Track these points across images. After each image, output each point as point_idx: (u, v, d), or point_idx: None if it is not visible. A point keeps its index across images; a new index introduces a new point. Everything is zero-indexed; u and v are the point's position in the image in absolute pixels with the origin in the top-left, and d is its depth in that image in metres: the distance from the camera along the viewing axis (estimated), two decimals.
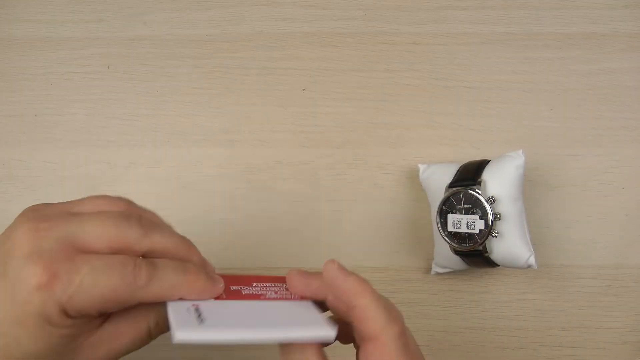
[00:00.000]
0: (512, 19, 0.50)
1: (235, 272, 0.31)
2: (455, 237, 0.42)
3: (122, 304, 0.25)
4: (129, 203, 0.28)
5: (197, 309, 0.25)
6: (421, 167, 0.47)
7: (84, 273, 0.23)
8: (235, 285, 0.29)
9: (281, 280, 0.30)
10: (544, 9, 0.50)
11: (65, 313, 0.23)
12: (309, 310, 0.28)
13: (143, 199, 0.30)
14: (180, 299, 0.26)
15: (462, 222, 0.42)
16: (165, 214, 0.30)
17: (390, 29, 0.51)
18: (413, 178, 0.48)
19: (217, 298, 0.27)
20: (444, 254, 0.45)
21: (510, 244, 0.41)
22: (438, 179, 0.45)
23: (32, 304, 0.23)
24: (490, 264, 0.43)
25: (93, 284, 0.23)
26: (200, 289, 0.26)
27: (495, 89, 0.49)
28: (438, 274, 0.46)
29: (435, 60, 0.50)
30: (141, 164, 0.49)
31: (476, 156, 0.46)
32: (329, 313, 0.29)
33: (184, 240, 0.28)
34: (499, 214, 0.41)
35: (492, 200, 0.41)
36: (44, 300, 0.23)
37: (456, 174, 0.44)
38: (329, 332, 0.25)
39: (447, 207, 0.43)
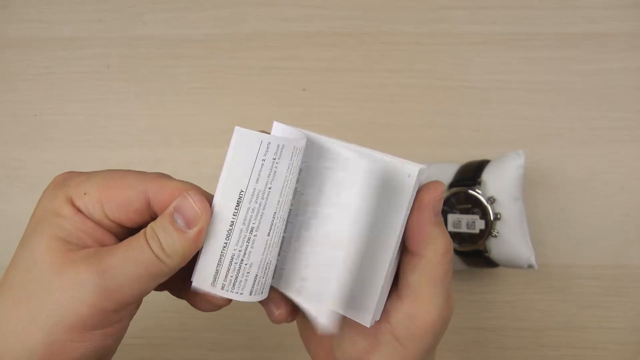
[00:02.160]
0: (512, 19, 0.50)
1: None
2: (456, 237, 0.42)
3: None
4: None
5: None
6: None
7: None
8: None
9: None
10: (544, 9, 0.50)
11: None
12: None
13: None
14: None
15: (462, 222, 0.42)
16: None
17: (390, 29, 0.51)
18: None
19: None
20: None
21: (510, 244, 0.41)
22: (438, 179, 0.45)
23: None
24: (490, 264, 0.43)
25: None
26: None
27: (495, 89, 0.49)
28: None
29: (436, 60, 0.50)
30: (141, 164, 0.49)
31: (476, 156, 0.46)
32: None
33: None
34: (499, 213, 0.41)
35: (492, 200, 0.41)
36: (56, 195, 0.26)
37: (456, 174, 0.44)
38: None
39: (447, 207, 0.43)
